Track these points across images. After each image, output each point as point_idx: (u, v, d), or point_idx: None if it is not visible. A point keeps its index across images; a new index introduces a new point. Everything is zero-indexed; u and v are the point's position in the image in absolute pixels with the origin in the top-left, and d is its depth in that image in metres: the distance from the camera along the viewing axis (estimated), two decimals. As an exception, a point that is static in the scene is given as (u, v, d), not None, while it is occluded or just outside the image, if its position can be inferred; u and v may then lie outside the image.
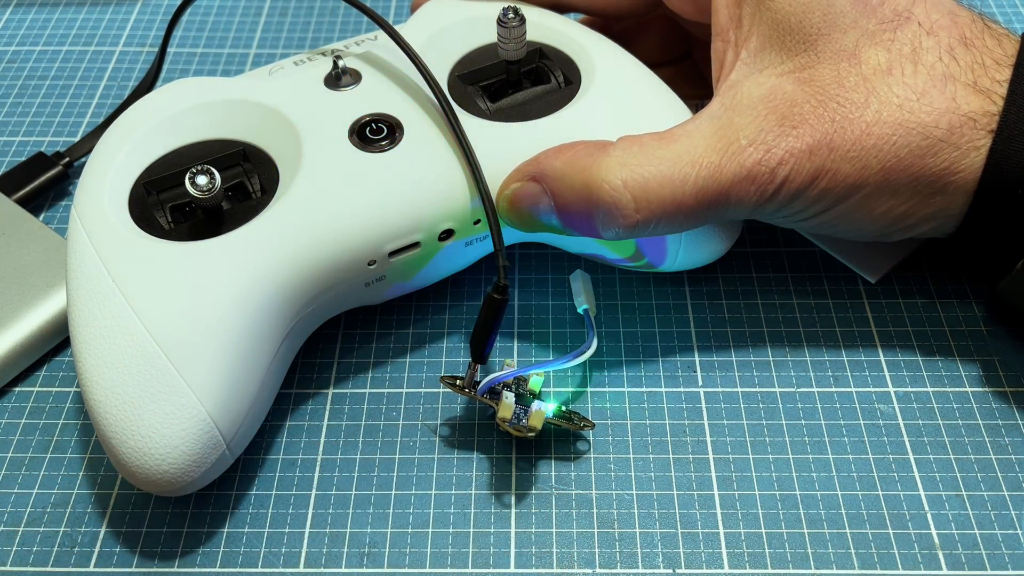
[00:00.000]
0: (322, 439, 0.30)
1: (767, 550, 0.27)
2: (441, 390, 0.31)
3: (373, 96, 0.31)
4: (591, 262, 0.34)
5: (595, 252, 0.32)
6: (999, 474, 0.28)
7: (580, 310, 0.31)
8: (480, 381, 0.28)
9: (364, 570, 0.27)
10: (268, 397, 0.28)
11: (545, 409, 0.28)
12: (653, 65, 0.33)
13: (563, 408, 0.29)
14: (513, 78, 0.32)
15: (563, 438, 0.29)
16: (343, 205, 0.28)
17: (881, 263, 0.33)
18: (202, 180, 0.27)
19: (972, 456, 0.29)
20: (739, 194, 0.26)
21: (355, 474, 0.29)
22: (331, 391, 0.31)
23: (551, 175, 0.27)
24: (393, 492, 0.28)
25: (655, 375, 0.31)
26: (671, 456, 0.29)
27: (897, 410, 0.30)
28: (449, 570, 0.27)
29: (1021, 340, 0.32)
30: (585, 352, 0.29)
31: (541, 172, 0.28)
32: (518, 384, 0.29)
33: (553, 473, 0.29)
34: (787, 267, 0.34)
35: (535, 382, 0.29)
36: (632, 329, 0.32)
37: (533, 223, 0.28)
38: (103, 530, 0.28)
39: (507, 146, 0.30)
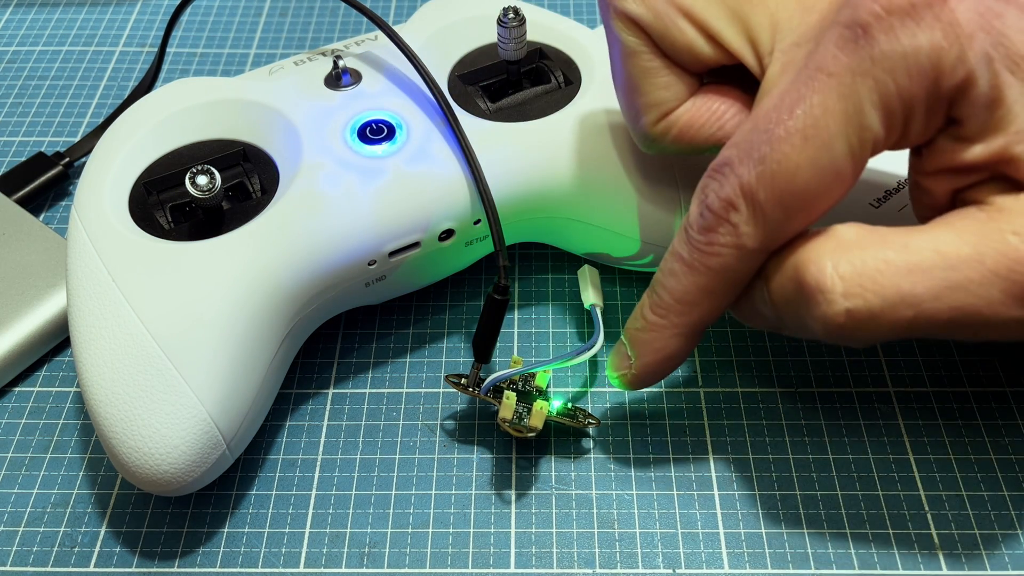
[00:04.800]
0: (322, 439, 0.30)
1: (767, 550, 0.27)
2: (441, 390, 0.31)
3: (373, 96, 0.31)
4: (592, 261, 0.34)
5: (596, 251, 0.32)
6: (999, 474, 0.28)
7: (587, 306, 0.31)
8: (484, 379, 0.28)
9: (364, 570, 0.27)
10: (268, 397, 0.28)
11: (550, 406, 0.28)
12: None
13: (568, 405, 0.29)
14: (513, 78, 0.32)
15: (563, 438, 0.29)
16: (343, 205, 0.28)
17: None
18: (202, 180, 0.27)
19: (972, 456, 0.29)
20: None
21: (355, 474, 0.29)
22: (331, 391, 0.31)
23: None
24: (393, 492, 0.28)
25: (655, 375, 0.31)
26: (671, 456, 0.29)
27: (897, 410, 0.30)
28: (449, 570, 0.27)
29: (1021, 340, 0.32)
30: (590, 349, 0.29)
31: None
32: (524, 381, 0.29)
33: (553, 473, 0.29)
34: (787, 267, 0.34)
35: (542, 378, 0.29)
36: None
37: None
38: (103, 530, 0.28)
39: (507, 146, 0.30)
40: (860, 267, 0.21)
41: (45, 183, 0.36)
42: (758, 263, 0.23)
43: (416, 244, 0.29)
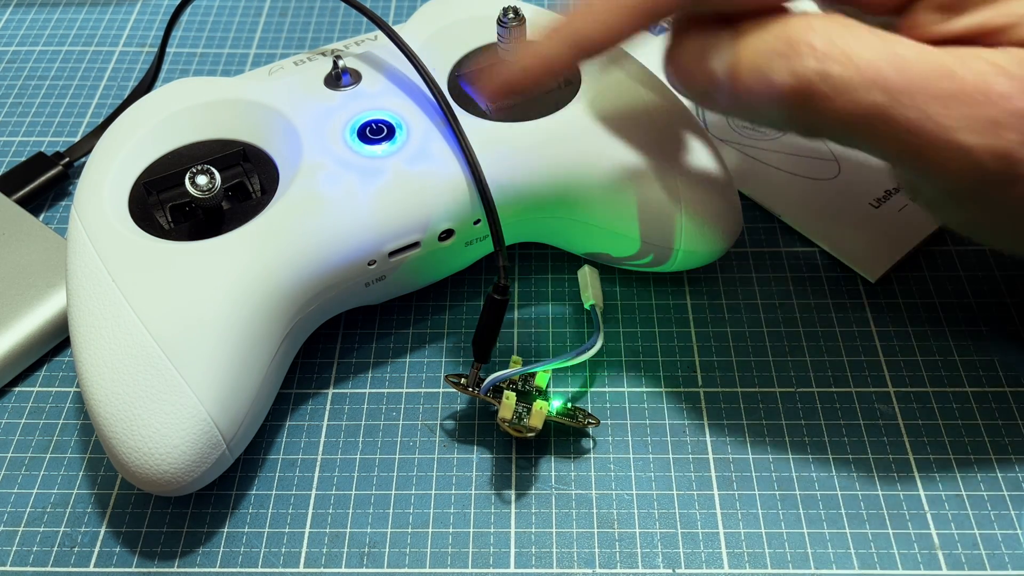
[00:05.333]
0: (322, 439, 0.30)
1: (767, 550, 0.27)
2: (441, 390, 0.31)
3: (373, 96, 0.31)
4: (592, 262, 0.34)
5: (596, 251, 0.32)
6: (999, 474, 0.28)
7: (587, 306, 0.31)
8: (484, 379, 0.28)
9: (364, 570, 0.27)
10: (268, 397, 0.28)
11: (550, 406, 0.28)
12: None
13: (568, 405, 0.29)
14: (513, 78, 0.32)
15: (563, 438, 0.29)
16: (343, 205, 0.28)
17: (881, 263, 0.33)
18: (202, 180, 0.27)
19: (972, 456, 0.29)
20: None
21: (355, 474, 0.29)
22: (331, 391, 0.31)
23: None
24: (393, 492, 0.28)
25: (655, 375, 0.31)
26: (671, 456, 0.29)
27: (897, 410, 0.30)
28: (449, 570, 0.27)
29: (1021, 340, 0.32)
30: (590, 349, 0.29)
31: None
32: (524, 381, 0.29)
33: (553, 473, 0.29)
34: (787, 267, 0.34)
35: (542, 378, 0.29)
36: (632, 329, 0.32)
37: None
38: (103, 530, 0.28)
39: (507, 146, 0.30)
40: (850, 41, 0.21)
41: (45, 183, 0.36)
42: (677, 4, 0.22)
43: (416, 244, 0.29)
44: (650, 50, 0.30)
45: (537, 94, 0.26)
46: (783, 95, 0.22)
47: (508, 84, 0.25)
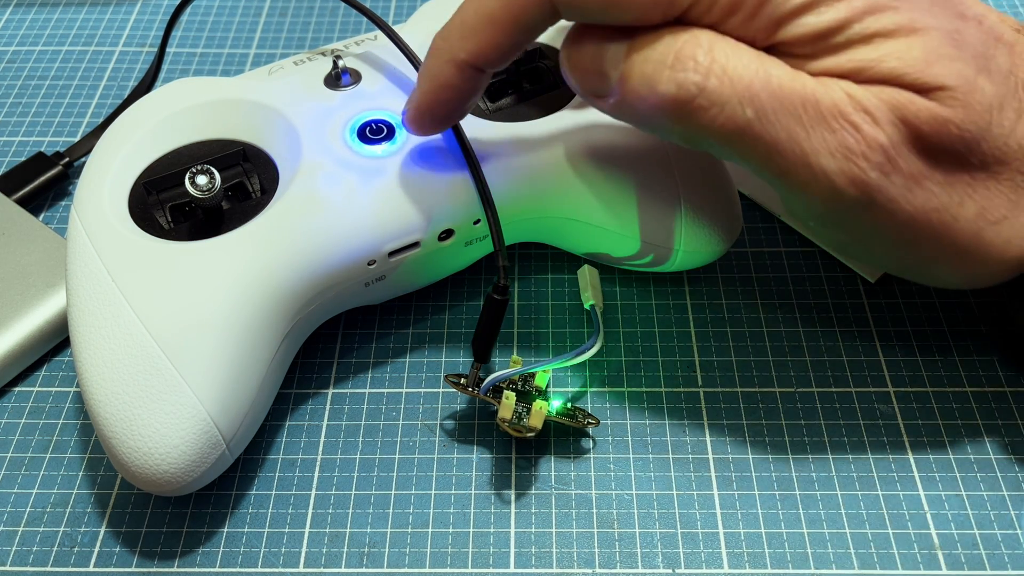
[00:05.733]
0: (322, 439, 0.30)
1: (767, 550, 0.27)
2: (441, 390, 0.31)
3: (373, 96, 0.31)
4: (591, 261, 0.34)
5: (596, 251, 0.32)
6: (999, 474, 0.28)
7: (587, 306, 0.31)
8: (483, 379, 0.28)
9: (364, 570, 0.27)
10: (268, 397, 0.28)
11: (549, 406, 0.28)
12: None
13: (568, 405, 0.29)
14: (513, 78, 0.32)
15: (563, 438, 0.29)
16: (343, 205, 0.28)
17: (881, 263, 0.33)
18: (202, 180, 0.27)
19: (972, 456, 0.29)
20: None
21: (355, 474, 0.29)
22: (331, 391, 0.31)
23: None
24: (393, 492, 0.28)
25: (655, 375, 0.31)
26: (671, 456, 0.29)
27: (897, 410, 0.30)
28: (449, 570, 0.27)
29: (1021, 340, 0.32)
30: (590, 349, 0.29)
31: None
32: (524, 381, 0.29)
33: (553, 473, 0.29)
34: (787, 267, 0.34)
35: (541, 378, 0.29)
36: (632, 329, 0.32)
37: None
38: (103, 530, 0.28)
39: (507, 146, 0.30)
40: (730, 58, 0.22)
41: (45, 183, 0.36)
42: (554, 20, 0.24)
43: (416, 244, 0.29)
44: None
45: (457, 111, 0.27)
46: (665, 104, 0.23)
47: (417, 109, 0.27)
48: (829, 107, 0.22)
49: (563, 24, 0.25)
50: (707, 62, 0.22)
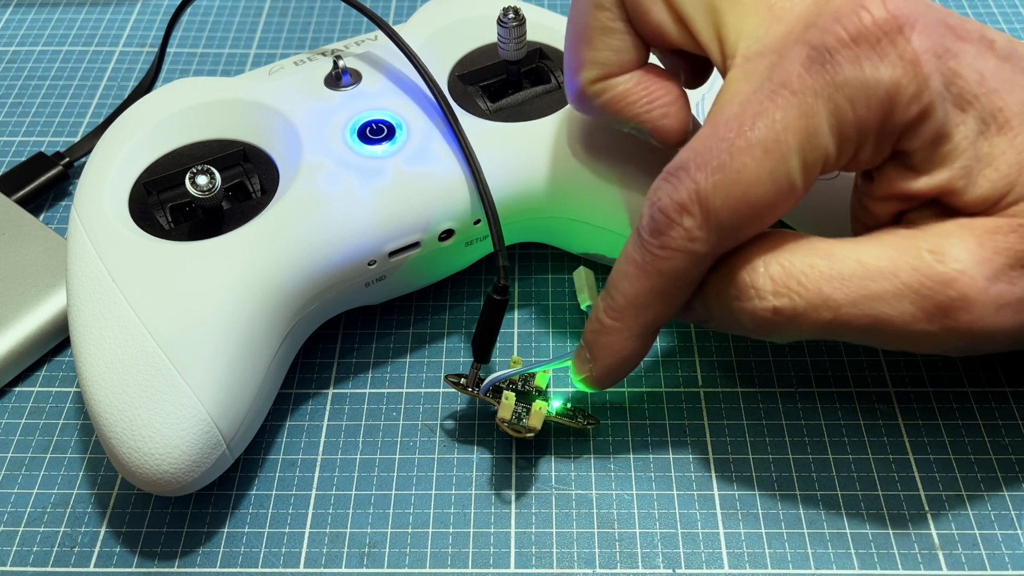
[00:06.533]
0: (322, 439, 0.30)
1: (767, 550, 0.27)
2: (441, 390, 0.31)
3: (373, 96, 0.31)
4: (592, 262, 0.34)
5: (596, 252, 0.32)
6: (999, 474, 0.28)
7: (584, 307, 0.31)
8: (483, 380, 0.28)
9: (364, 570, 0.27)
10: (268, 397, 0.28)
11: (549, 406, 0.28)
12: None
13: (567, 405, 0.29)
14: (513, 78, 0.32)
15: (563, 438, 0.29)
16: (343, 205, 0.28)
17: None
18: (202, 180, 0.27)
19: (972, 456, 0.29)
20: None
21: (355, 474, 0.29)
22: (331, 391, 0.31)
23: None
24: (393, 492, 0.28)
25: (655, 375, 0.31)
26: (671, 456, 0.29)
27: (897, 410, 0.30)
28: (449, 570, 0.27)
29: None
30: None
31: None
32: (524, 381, 0.29)
33: (553, 473, 0.29)
34: (787, 267, 0.34)
35: (541, 378, 0.29)
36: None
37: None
38: (103, 530, 0.28)
39: (507, 146, 0.30)
40: (788, 269, 0.23)
41: (45, 183, 0.36)
42: (707, 267, 0.24)
43: (416, 244, 0.29)
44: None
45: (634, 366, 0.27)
46: (751, 332, 0.24)
47: (602, 383, 0.27)
48: (910, 274, 0.22)
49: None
50: (769, 286, 0.23)
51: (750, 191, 0.22)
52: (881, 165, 0.23)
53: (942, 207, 0.23)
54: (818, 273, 0.23)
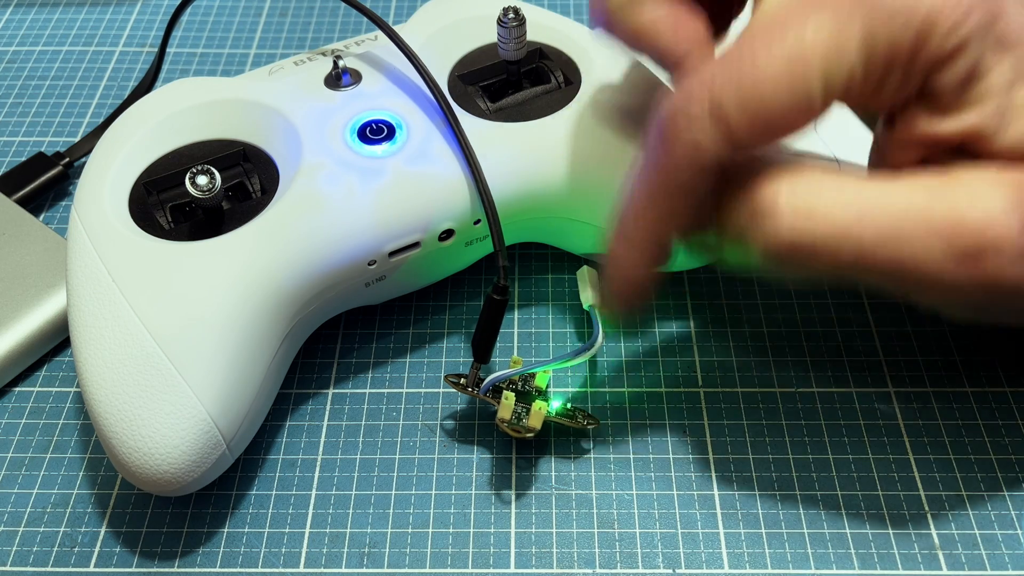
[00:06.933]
0: (322, 439, 0.30)
1: (767, 550, 0.27)
2: (441, 390, 0.31)
3: (373, 96, 0.31)
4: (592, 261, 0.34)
5: (596, 252, 0.32)
6: (999, 474, 0.28)
7: (586, 307, 0.31)
8: (483, 379, 0.28)
9: (364, 570, 0.27)
10: (268, 397, 0.28)
11: (549, 407, 0.28)
12: None
13: (568, 406, 0.29)
14: (513, 78, 0.32)
15: (563, 438, 0.29)
16: (343, 205, 0.28)
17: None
18: (202, 180, 0.27)
19: (972, 456, 0.29)
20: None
21: (355, 474, 0.29)
22: (331, 391, 0.31)
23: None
24: (393, 492, 0.28)
25: (655, 375, 0.31)
26: (671, 456, 0.29)
27: (897, 410, 0.30)
28: (449, 570, 0.27)
29: (1021, 340, 0.32)
30: (590, 349, 0.28)
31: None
32: (524, 381, 0.29)
33: (553, 473, 0.29)
34: (787, 267, 0.34)
35: (541, 378, 0.29)
36: (632, 329, 0.32)
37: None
38: (103, 530, 0.28)
39: (507, 146, 0.30)
40: (813, 199, 0.21)
41: (45, 183, 0.36)
42: (712, 179, 0.23)
43: (416, 244, 0.29)
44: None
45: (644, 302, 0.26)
46: (764, 258, 0.22)
47: (622, 305, 0.26)
48: (943, 216, 0.21)
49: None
50: (790, 213, 0.21)
51: (766, 100, 0.21)
52: (905, 106, 0.23)
53: (969, 155, 0.22)
54: (844, 207, 0.21)
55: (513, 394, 0.27)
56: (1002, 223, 0.21)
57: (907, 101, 0.22)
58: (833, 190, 0.22)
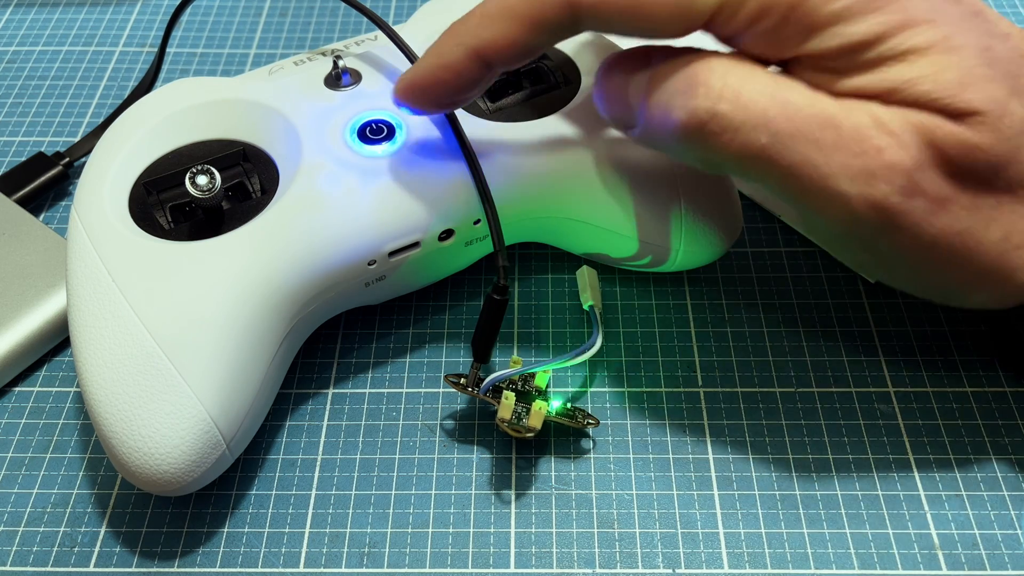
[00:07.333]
0: (322, 439, 0.30)
1: (767, 550, 0.27)
2: (441, 390, 0.31)
3: (373, 96, 0.31)
4: (592, 262, 0.34)
5: (596, 252, 0.32)
6: (999, 474, 0.28)
7: (586, 307, 0.31)
8: (483, 379, 0.28)
9: (364, 570, 0.27)
10: (268, 397, 0.28)
11: (549, 407, 0.28)
12: None
13: (567, 405, 0.29)
14: (513, 78, 0.32)
15: (563, 438, 0.29)
16: (343, 205, 0.28)
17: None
18: (202, 180, 0.27)
19: (972, 456, 0.29)
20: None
21: (355, 474, 0.29)
22: (331, 391, 0.31)
23: None
24: (393, 492, 0.28)
25: (655, 375, 0.31)
26: (671, 456, 0.29)
27: (897, 410, 0.30)
28: (449, 570, 0.27)
29: (1021, 340, 0.32)
30: (589, 349, 0.29)
31: None
32: (524, 381, 0.29)
33: (553, 473, 0.29)
34: (787, 267, 0.34)
35: (541, 378, 0.29)
36: (632, 329, 0.32)
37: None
38: (103, 530, 0.28)
39: (507, 146, 0.30)
40: (744, 84, 0.22)
41: (45, 183, 0.36)
42: (569, 14, 0.23)
43: (416, 244, 0.29)
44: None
45: (453, 98, 0.26)
46: (679, 130, 0.23)
47: (412, 81, 0.26)
48: (850, 131, 0.22)
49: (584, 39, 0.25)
50: (719, 86, 0.22)
51: None
52: (792, 67, 0.23)
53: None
54: (770, 98, 0.22)
55: (513, 394, 0.27)
56: (904, 155, 0.21)
57: (794, 60, 0.23)
58: (763, 82, 0.22)
